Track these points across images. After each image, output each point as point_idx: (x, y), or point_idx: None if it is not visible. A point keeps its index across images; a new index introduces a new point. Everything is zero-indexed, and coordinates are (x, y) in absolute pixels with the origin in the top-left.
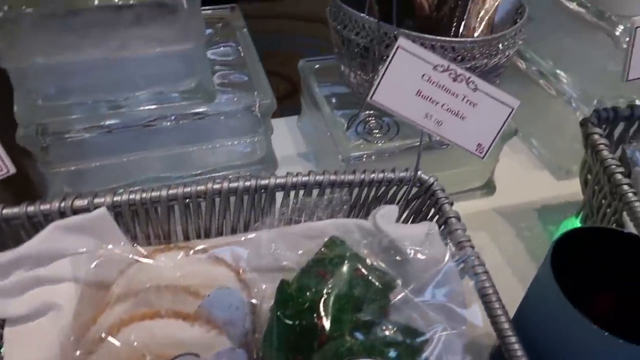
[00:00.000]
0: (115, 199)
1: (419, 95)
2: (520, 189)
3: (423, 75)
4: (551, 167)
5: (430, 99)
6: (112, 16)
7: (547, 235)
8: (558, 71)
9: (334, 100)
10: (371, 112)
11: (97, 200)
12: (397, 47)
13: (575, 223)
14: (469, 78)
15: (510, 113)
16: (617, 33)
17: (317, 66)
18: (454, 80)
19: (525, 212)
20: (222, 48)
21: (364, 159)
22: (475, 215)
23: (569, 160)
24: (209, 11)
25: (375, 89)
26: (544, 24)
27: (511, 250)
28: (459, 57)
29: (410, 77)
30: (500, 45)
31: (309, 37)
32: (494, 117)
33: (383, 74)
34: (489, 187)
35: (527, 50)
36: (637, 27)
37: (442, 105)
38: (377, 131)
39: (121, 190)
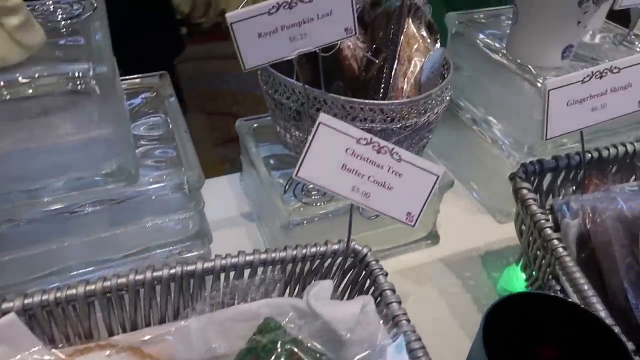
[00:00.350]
0: (26, 301)
1: (344, 168)
2: (464, 235)
3: (347, 149)
4: (492, 211)
5: (356, 172)
6: (20, 108)
7: (491, 282)
8: (489, 118)
9: (272, 161)
10: None
11: (5, 306)
12: (319, 124)
13: (517, 270)
14: (393, 149)
15: (436, 181)
16: (539, 85)
17: (255, 125)
18: (378, 152)
19: (469, 260)
20: (151, 119)
21: (304, 224)
22: (421, 267)
23: (509, 203)
24: (137, 80)
25: (300, 165)
26: (474, 72)
27: (457, 301)
28: (389, 119)
29: (334, 151)
30: (428, 104)
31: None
32: (420, 185)
33: (306, 151)
34: (432, 238)
35: (460, 97)
36: (549, 90)
37: (368, 178)
38: (315, 192)
39: (33, 290)
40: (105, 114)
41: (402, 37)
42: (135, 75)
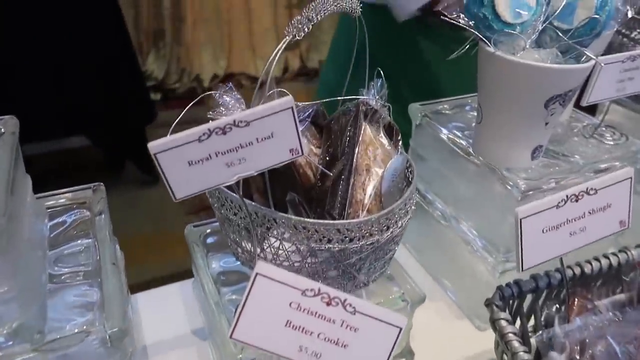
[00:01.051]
0: None
1: (289, 326)
2: (441, 347)
3: (291, 303)
4: (470, 316)
5: (303, 329)
6: None
7: None
8: (460, 216)
9: (223, 277)
10: None
11: None
12: (256, 275)
13: None
14: (345, 300)
15: (399, 333)
16: (508, 187)
17: (208, 231)
18: (328, 304)
19: None
20: (77, 245)
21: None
22: None
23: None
24: (69, 194)
25: (235, 325)
26: (441, 166)
27: None
28: (347, 239)
29: (275, 306)
30: (391, 220)
31: None
32: (380, 339)
33: (242, 307)
34: (407, 354)
35: (429, 190)
36: (521, 218)
37: (318, 335)
38: None
39: None
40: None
41: (359, 145)
42: (65, 190)
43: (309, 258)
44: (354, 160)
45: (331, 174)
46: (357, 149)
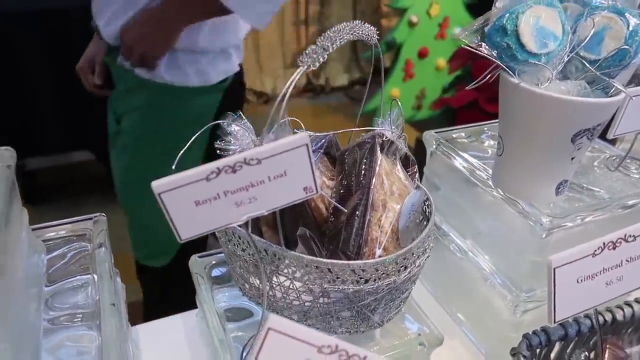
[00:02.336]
0: None
1: None
2: None
3: None
4: (489, 356)
5: None
6: None
7: None
8: (478, 250)
9: (228, 313)
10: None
11: None
12: (268, 330)
13: None
14: (365, 358)
15: None
16: (532, 223)
17: (213, 262)
18: None
19: None
20: (75, 282)
21: None
22: None
23: (507, 346)
24: (69, 225)
25: None
26: (456, 197)
27: None
28: (363, 280)
29: None
30: (409, 259)
31: None
32: None
33: None
34: None
35: (443, 222)
36: (555, 268)
37: None
38: None
39: None
40: None
41: (374, 179)
42: (65, 221)
43: (321, 298)
44: (370, 195)
45: (345, 210)
46: (373, 183)
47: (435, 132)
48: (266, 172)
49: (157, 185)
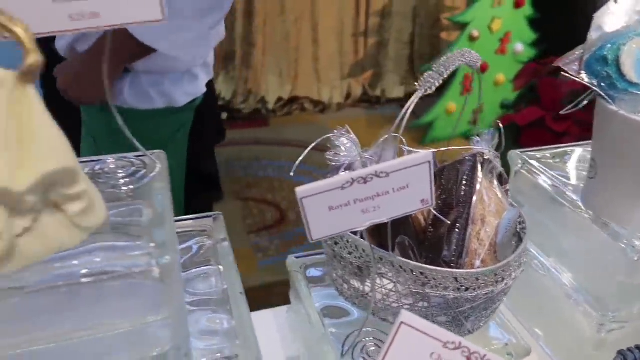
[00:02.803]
0: None
1: None
2: None
3: (432, 354)
4: None
5: None
6: (74, 293)
7: None
8: (562, 269)
9: (325, 310)
10: (370, 330)
11: None
12: (400, 324)
13: None
14: (485, 356)
15: None
16: (623, 245)
17: (307, 263)
18: (468, 358)
19: None
20: (202, 273)
21: None
22: None
23: None
24: (190, 221)
25: None
26: (540, 216)
27: None
28: (463, 287)
29: (416, 356)
30: (506, 272)
31: (315, 167)
32: None
33: (385, 354)
34: None
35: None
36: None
37: None
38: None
39: None
40: (163, 300)
41: (475, 195)
42: (187, 217)
43: (420, 302)
44: (471, 209)
45: (447, 222)
46: (474, 199)
47: (520, 152)
48: (392, 184)
49: (300, 190)
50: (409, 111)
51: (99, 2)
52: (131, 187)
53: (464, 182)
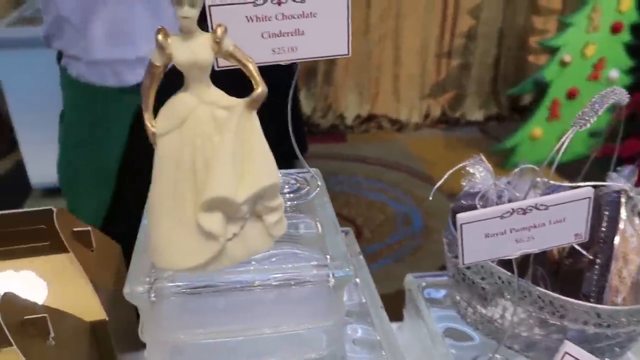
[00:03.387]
0: None
1: None
2: None
3: None
4: None
5: None
6: (259, 295)
7: None
8: None
9: (444, 330)
10: (490, 355)
11: None
12: (565, 354)
13: None
14: None
15: None
16: None
17: (424, 284)
18: None
19: None
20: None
21: None
22: None
23: None
24: None
25: None
26: None
27: None
28: (605, 324)
29: None
30: None
31: (373, 180)
32: None
33: None
34: None
35: None
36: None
37: None
38: None
39: None
40: (331, 307)
41: (618, 233)
42: None
43: (555, 334)
44: (613, 245)
45: (589, 256)
46: (617, 237)
47: None
48: (549, 216)
49: (462, 217)
50: (563, 148)
51: (297, 39)
52: (295, 202)
53: (606, 219)
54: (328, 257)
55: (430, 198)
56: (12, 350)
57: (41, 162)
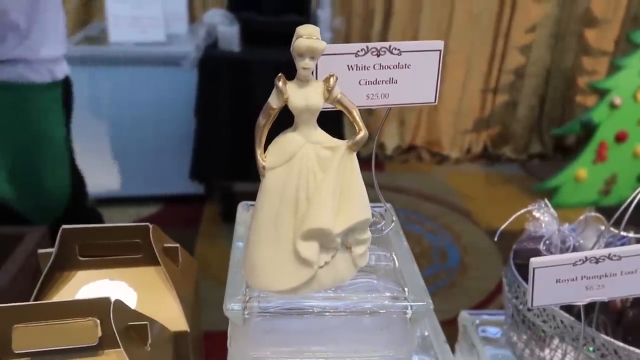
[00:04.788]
0: None
1: None
2: None
3: None
4: None
5: None
6: (340, 321)
7: None
8: None
9: None
10: None
11: None
12: None
13: None
14: None
15: None
16: None
17: (477, 321)
18: None
19: None
20: None
21: None
22: None
23: None
24: None
25: None
26: None
27: None
28: None
29: None
30: None
31: (410, 211)
32: None
33: None
34: None
35: None
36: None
37: None
38: None
39: None
40: (405, 338)
41: None
42: None
43: None
44: None
45: None
46: None
47: None
48: (621, 267)
49: (535, 261)
50: (635, 202)
51: (390, 87)
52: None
53: None
54: (406, 289)
55: (496, 239)
56: (117, 352)
57: (91, 173)
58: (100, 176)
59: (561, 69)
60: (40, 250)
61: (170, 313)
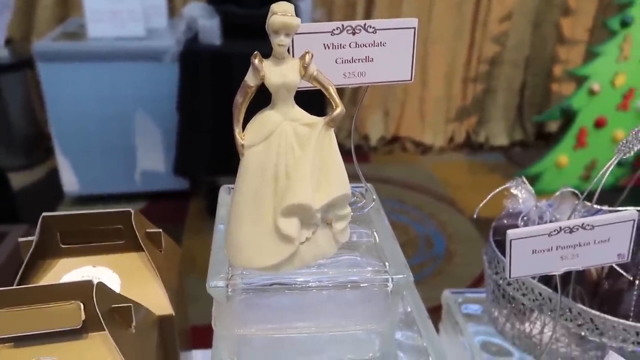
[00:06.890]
0: None
1: None
2: None
3: None
4: None
5: None
6: (323, 296)
7: None
8: None
9: (480, 345)
10: None
11: None
12: None
13: None
14: None
15: None
16: None
17: (460, 299)
18: None
19: None
20: None
21: None
22: None
23: None
24: None
25: None
26: None
27: None
28: None
29: None
30: None
31: (396, 201)
32: None
33: None
34: None
35: None
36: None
37: None
38: None
39: None
40: (387, 311)
41: None
42: None
43: (592, 351)
44: None
45: (628, 277)
46: None
47: None
48: (594, 236)
49: (511, 233)
50: (605, 176)
51: (366, 65)
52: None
53: None
54: (387, 263)
55: (475, 216)
56: (102, 334)
57: (75, 171)
58: (82, 173)
59: (539, 57)
60: (21, 239)
61: (154, 298)
